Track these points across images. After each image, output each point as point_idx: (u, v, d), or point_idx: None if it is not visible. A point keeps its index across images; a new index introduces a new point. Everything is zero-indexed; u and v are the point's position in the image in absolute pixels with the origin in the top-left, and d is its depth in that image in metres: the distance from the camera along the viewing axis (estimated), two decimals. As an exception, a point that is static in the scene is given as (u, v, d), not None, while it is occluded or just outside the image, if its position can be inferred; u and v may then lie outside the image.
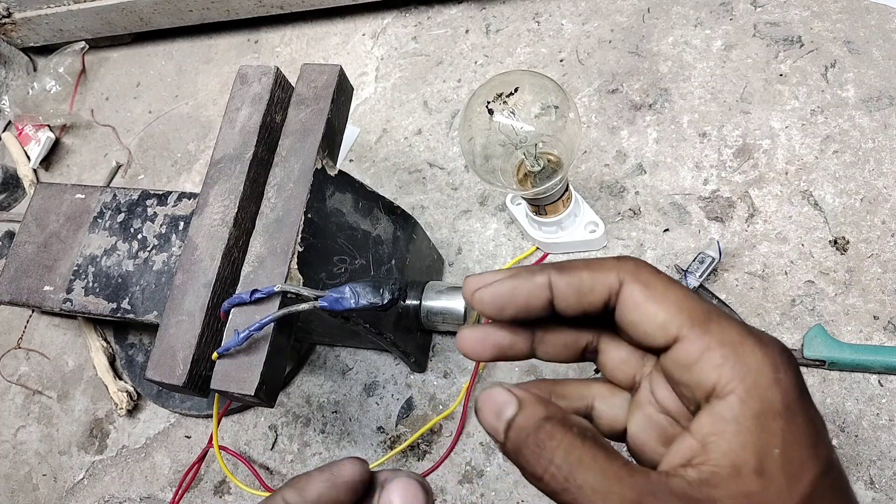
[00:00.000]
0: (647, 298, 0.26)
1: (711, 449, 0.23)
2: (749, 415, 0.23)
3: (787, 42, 0.72)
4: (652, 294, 0.26)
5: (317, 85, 0.56)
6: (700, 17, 0.76)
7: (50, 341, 0.84)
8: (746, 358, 0.24)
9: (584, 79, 0.77)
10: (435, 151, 0.79)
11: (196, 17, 0.94)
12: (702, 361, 0.24)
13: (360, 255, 0.58)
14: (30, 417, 0.80)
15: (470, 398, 0.65)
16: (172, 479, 0.71)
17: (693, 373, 0.24)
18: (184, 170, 0.91)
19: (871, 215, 0.62)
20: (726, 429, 0.23)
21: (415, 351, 0.65)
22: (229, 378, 0.47)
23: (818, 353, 0.56)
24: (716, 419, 0.23)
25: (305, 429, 0.69)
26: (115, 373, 0.77)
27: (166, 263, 0.63)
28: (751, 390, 0.23)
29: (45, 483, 0.76)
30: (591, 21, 0.80)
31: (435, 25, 0.87)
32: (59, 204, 0.71)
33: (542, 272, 0.27)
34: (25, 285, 0.68)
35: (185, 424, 0.74)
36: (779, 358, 0.24)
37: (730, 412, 0.23)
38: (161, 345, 0.50)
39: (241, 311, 0.49)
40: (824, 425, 0.24)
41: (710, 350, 0.24)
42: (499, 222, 0.72)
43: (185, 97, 0.97)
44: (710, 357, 0.24)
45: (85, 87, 1.04)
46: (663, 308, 0.25)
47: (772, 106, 0.69)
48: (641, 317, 0.26)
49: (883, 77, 0.67)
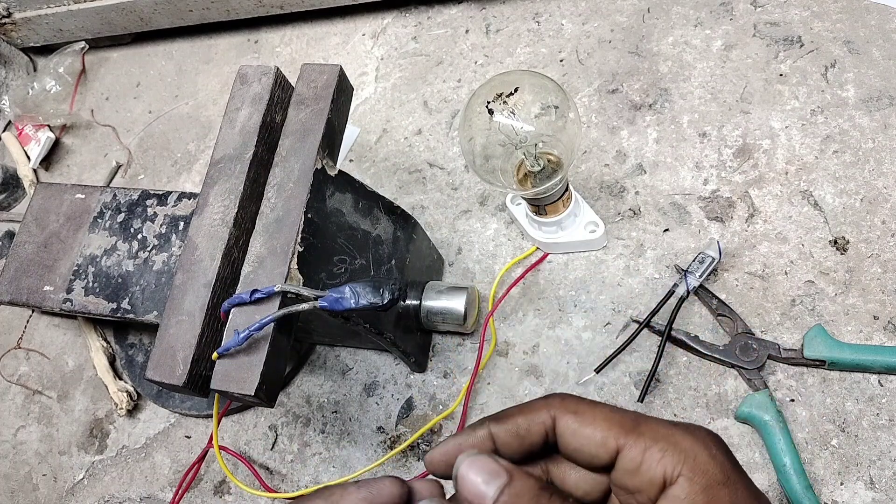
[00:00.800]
0: (580, 424, 0.28)
1: None
2: (698, 490, 0.26)
3: (787, 42, 0.72)
4: (583, 419, 0.28)
5: (317, 85, 0.56)
6: (700, 17, 0.76)
7: (50, 341, 0.84)
8: (681, 444, 0.27)
9: (584, 79, 0.77)
10: (435, 151, 0.79)
11: (196, 17, 0.94)
12: (645, 461, 0.27)
13: (360, 255, 0.58)
14: (30, 417, 0.80)
15: (470, 398, 0.65)
16: (172, 479, 0.71)
17: (641, 474, 0.27)
18: (184, 170, 0.91)
19: (872, 215, 0.62)
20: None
21: (415, 351, 0.65)
22: (229, 378, 0.47)
23: (818, 353, 0.56)
24: (671, 501, 0.26)
25: (305, 429, 0.69)
26: (115, 373, 0.77)
27: (166, 263, 0.63)
28: (694, 469, 0.26)
29: (45, 483, 0.76)
30: (591, 21, 0.80)
31: (435, 25, 0.87)
32: (59, 204, 0.71)
33: (482, 426, 0.30)
34: (25, 285, 0.68)
35: (185, 424, 0.74)
36: (708, 438, 0.27)
37: (682, 492, 0.26)
38: (161, 345, 0.50)
39: (241, 311, 0.49)
40: (763, 494, 0.27)
41: (649, 449, 0.27)
42: (499, 222, 0.72)
43: (185, 97, 0.97)
44: (651, 455, 0.27)
45: (85, 87, 1.04)
46: (598, 428, 0.28)
47: (772, 106, 0.69)
48: (581, 441, 0.28)
49: (883, 77, 0.67)
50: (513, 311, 0.68)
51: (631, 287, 0.65)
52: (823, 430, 0.56)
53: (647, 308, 0.63)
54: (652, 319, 0.62)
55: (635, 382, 0.62)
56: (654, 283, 0.65)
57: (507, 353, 0.66)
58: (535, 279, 0.68)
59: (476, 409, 0.65)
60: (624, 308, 0.64)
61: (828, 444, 0.55)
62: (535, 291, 0.68)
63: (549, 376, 0.64)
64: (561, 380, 0.63)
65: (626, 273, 0.66)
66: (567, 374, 0.64)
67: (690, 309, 0.63)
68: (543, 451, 0.30)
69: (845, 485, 0.54)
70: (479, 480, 0.26)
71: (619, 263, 0.66)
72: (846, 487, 0.54)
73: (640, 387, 0.61)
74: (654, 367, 0.59)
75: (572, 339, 0.65)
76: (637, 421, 0.28)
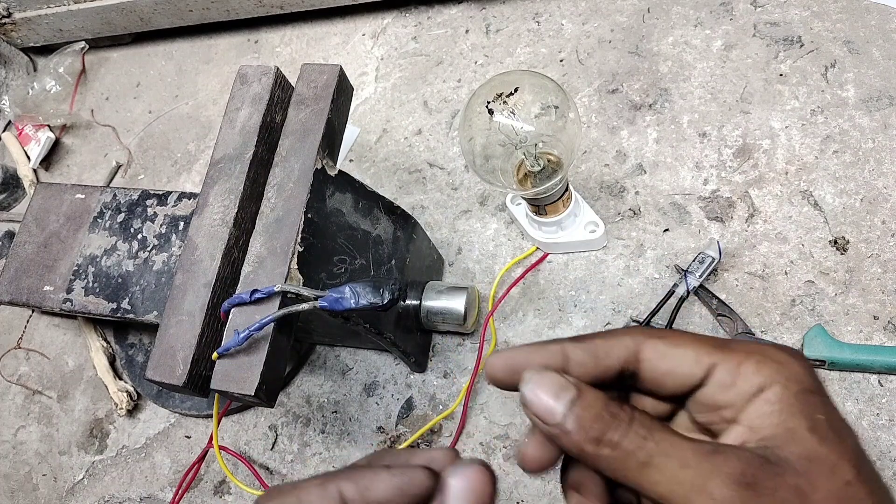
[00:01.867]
0: (670, 346, 0.28)
1: (763, 425, 0.26)
2: (791, 393, 0.26)
3: (787, 42, 0.72)
4: (672, 341, 0.28)
5: (317, 85, 0.56)
6: (700, 17, 0.76)
7: (50, 341, 0.84)
8: (776, 357, 0.27)
9: (584, 79, 0.77)
10: (435, 151, 0.79)
11: (196, 17, 0.94)
12: (741, 373, 0.27)
13: (360, 255, 0.58)
14: (30, 417, 0.80)
15: (470, 398, 0.65)
16: (172, 479, 0.71)
17: (736, 387, 0.27)
18: (184, 170, 0.91)
19: (871, 215, 0.62)
20: (773, 408, 0.26)
21: (415, 351, 0.65)
22: (229, 378, 0.47)
23: (818, 353, 0.56)
24: (762, 404, 0.26)
25: (305, 429, 0.69)
26: (115, 373, 0.77)
27: (166, 263, 0.63)
28: (789, 377, 0.26)
29: (45, 483, 0.76)
30: (591, 21, 0.80)
31: (435, 25, 0.87)
32: (59, 204, 0.71)
33: (556, 343, 0.29)
34: (25, 285, 0.68)
35: (185, 424, 0.74)
36: (798, 353, 0.28)
37: (774, 396, 0.26)
38: (161, 345, 0.50)
39: (241, 311, 0.49)
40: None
41: (744, 363, 0.27)
42: (499, 222, 0.72)
43: (185, 97, 0.97)
44: (747, 367, 0.27)
45: (85, 87, 1.04)
46: (688, 348, 0.28)
47: (772, 106, 0.69)
48: (672, 361, 0.28)
49: (883, 77, 0.67)
50: (513, 311, 0.68)
51: (631, 287, 0.65)
52: (823, 430, 0.56)
53: (648, 308, 0.63)
54: (652, 319, 0.62)
55: (635, 382, 0.62)
56: (654, 283, 0.65)
57: (507, 353, 0.66)
58: (535, 279, 0.68)
59: (476, 409, 0.65)
60: (624, 308, 0.64)
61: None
62: (535, 291, 0.68)
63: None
64: (561, 380, 0.63)
65: (626, 273, 0.66)
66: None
67: (690, 309, 0.63)
68: (614, 385, 0.29)
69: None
70: (547, 397, 0.26)
71: (619, 263, 0.66)
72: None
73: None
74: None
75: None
76: (724, 341, 0.28)
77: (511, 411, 0.64)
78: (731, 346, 0.27)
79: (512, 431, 0.63)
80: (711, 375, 0.27)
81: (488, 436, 0.64)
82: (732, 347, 0.27)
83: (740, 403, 0.26)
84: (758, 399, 0.26)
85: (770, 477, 0.24)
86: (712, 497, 0.24)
